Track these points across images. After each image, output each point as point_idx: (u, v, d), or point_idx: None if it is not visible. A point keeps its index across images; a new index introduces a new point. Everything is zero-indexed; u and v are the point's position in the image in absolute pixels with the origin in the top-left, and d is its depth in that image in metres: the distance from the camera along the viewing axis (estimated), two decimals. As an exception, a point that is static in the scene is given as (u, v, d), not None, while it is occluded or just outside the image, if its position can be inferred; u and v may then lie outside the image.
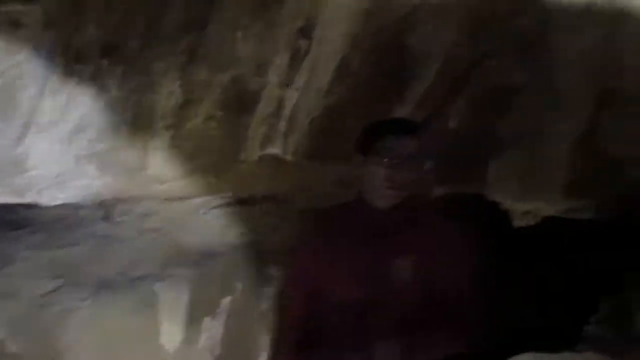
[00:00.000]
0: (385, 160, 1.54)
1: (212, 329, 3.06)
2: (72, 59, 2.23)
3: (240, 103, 2.76)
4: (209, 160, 2.89)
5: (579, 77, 2.77)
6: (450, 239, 1.65)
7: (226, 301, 3.12)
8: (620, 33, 2.72)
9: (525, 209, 3.34)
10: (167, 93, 2.53)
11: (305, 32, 2.75)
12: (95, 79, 2.29)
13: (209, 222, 3.26)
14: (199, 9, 2.38)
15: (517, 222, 3.46)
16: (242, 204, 3.30)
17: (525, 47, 2.79)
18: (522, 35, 2.78)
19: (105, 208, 2.86)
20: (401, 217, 1.59)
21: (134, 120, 2.47)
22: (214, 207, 3.22)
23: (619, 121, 2.85)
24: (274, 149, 3.00)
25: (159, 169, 2.66)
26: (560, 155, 3.07)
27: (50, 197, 2.56)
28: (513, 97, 2.90)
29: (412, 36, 2.77)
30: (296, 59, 2.79)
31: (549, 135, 3.02)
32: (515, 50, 2.80)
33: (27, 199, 2.53)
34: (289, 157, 3.06)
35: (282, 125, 2.97)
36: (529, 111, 2.90)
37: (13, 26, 2.08)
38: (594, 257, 3.56)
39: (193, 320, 3.00)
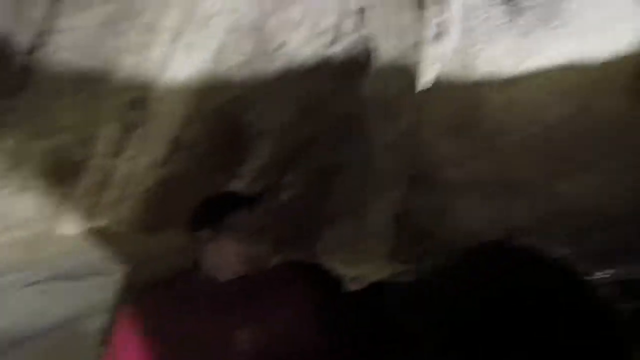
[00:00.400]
0: (227, 233, 1.55)
1: None
2: None
3: (60, 174, 2.60)
4: (22, 233, 2.64)
5: (394, 159, 3.11)
6: (290, 308, 1.66)
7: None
8: (426, 121, 3.15)
9: (354, 274, 3.56)
10: (-29, 162, 2.30)
11: (137, 104, 2.73)
12: None
13: (23, 302, 2.93)
14: (11, 77, 2.24)
15: (348, 287, 3.67)
16: (63, 279, 3.03)
17: (349, 130, 3.08)
18: (346, 119, 3.08)
19: None
20: (241, 288, 1.60)
21: None
22: (29, 285, 2.91)
23: (427, 199, 3.24)
24: (101, 221, 2.84)
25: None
26: (383, 227, 3.37)
27: None
28: (340, 175, 3.15)
29: (247, 115, 2.91)
30: (127, 130, 2.74)
31: (372, 209, 3.31)
32: (340, 132, 3.07)
33: None
34: (118, 229, 2.93)
35: (111, 196, 2.85)
36: (354, 187, 3.16)
37: None
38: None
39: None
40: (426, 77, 2.78)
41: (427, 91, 3.06)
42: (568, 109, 2.78)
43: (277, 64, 2.91)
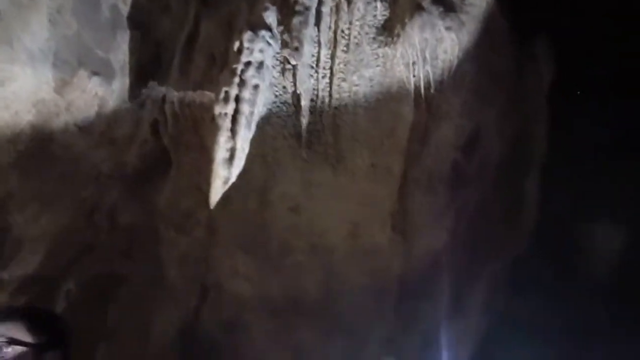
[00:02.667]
0: None
1: None
2: None
3: None
4: None
5: (184, 273, 3.06)
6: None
7: None
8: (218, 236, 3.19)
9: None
10: None
11: None
12: None
13: None
14: None
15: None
16: None
17: (137, 240, 2.98)
18: (134, 229, 2.98)
19: None
20: None
21: None
22: None
23: (216, 311, 3.21)
24: None
25: None
26: (169, 339, 3.22)
27: None
28: (122, 286, 2.99)
29: (14, 217, 2.66)
30: None
31: (159, 321, 3.16)
32: (123, 243, 2.95)
33: None
34: None
35: None
36: (138, 299, 3.01)
37: None
38: None
39: None
40: (216, 195, 2.86)
41: (220, 208, 3.15)
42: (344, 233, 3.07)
43: (58, 166, 2.76)
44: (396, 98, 2.91)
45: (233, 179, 2.84)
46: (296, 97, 2.89)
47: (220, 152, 2.76)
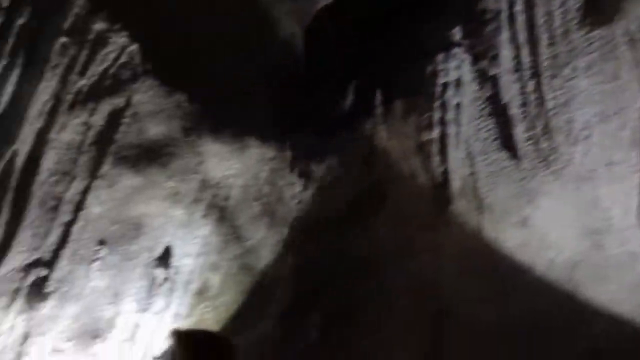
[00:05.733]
0: None
1: None
2: None
3: (91, 333, 2.77)
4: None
5: (415, 301, 3.08)
6: None
7: None
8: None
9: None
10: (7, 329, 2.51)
11: (163, 261, 2.94)
12: None
13: None
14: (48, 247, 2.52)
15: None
16: None
17: (364, 271, 3.13)
18: (361, 260, 3.14)
19: None
20: None
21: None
22: None
23: (454, 338, 3.14)
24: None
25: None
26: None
27: None
28: (355, 318, 3.15)
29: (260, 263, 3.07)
30: (153, 285, 2.93)
31: (398, 351, 3.23)
32: (355, 273, 3.12)
33: None
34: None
35: (139, 349, 2.97)
36: (372, 330, 3.13)
37: None
38: None
39: None
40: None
41: (444, 229, 3.11)
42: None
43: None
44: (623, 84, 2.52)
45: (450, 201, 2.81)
46: (502, 107, 2.73)
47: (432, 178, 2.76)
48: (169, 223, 2.91)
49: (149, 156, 2.76)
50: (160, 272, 2.94)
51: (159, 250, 2.92)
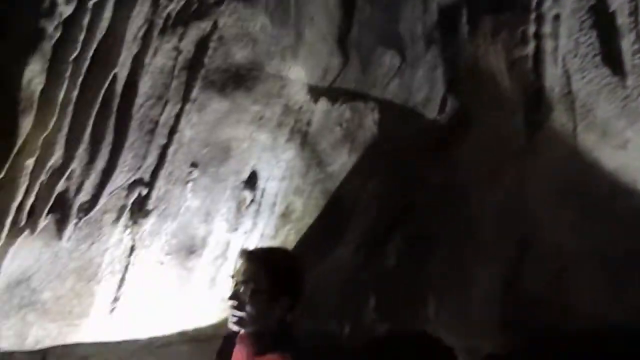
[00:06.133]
0: None
1: None
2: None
3: (188, 248, 2.97)
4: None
5: (498, 228, 3.03)
6: None
7: None
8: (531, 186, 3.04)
9: (465, 345, 3.45)
10: (116, 242, 2.74)
11: (249, 184, 3.05)
12: (43, 232, 2.47)
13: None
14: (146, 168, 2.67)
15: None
16: (192, 341, 3.38)
17: (448, 197, 3.09)
18: (444, 187, 3.10)
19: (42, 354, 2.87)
20: None
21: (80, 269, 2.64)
22: (160, 346, 3.28)
23: (538, 264, 3.08)
24: (221, 289, 3.15)
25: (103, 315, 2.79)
26: (492, 296, 3.25)
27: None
28: (440, 243, 3.15)
29: (343, 189, 3.09)
30: (241, 207, 3.06)
31: (478, 278, 3.22)
32: (438, 200, 3.09)
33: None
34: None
35: (230, 266, 3.16)
36: (454, 256, 3.13)
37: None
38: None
39: None
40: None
41: (532, 155, 2.99)
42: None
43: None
44: None
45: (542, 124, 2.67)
46: (607, 17, 2.49)
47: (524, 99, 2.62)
48: (255, 147, 3.00)
49: (235, 80, 2.81)
50: (247, 194, 3.07)
51: (246, 173, 3.04)
